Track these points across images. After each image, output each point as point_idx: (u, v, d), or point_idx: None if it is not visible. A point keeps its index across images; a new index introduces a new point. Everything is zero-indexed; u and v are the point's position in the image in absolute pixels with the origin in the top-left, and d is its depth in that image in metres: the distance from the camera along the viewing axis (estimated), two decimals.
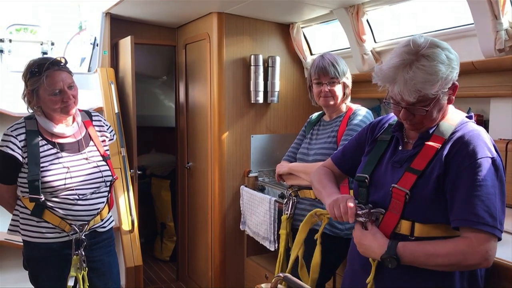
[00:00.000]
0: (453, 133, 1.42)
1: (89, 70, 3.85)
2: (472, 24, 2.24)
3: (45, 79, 1.98)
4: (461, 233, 1.33)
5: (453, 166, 1.35)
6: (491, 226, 1.28)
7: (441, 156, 1.38)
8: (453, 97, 1.43)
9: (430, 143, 1.42)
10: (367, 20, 2.87)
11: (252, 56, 3.36)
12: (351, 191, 2.14)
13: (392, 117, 1.63)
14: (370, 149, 1.64)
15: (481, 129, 1.42)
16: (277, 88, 3.43)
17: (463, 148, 1.35)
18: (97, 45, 3.68)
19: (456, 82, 1.41)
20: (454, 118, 1.47)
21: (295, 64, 3.61)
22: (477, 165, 1.31)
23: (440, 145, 1.40)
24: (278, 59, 3.43)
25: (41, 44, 4.24)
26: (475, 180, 1.31)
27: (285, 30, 3.53)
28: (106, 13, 3.59)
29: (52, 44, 4.27)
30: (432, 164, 1.39)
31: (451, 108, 1.50)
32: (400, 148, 1.53)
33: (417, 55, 1.34)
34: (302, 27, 3.46)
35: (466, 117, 1.49)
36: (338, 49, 3.27)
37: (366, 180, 1.55)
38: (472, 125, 1.44)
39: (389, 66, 1.37)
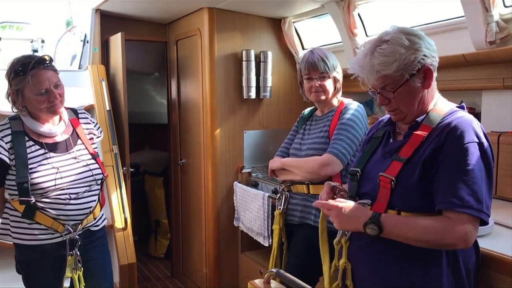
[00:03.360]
0: (442, 121, 1.43)
1: (79, 67, 3.82)
2: (463, 16, 2.24)
3: (31, 79, 1.91)
4: (443, 214, 1.33)
5: (441, 151, 1.36)
6: (476, 209, 1.28)
7: (428, 143, 1.39)
8: (431, 82, 1.44)
9: (418, 132, 1.44)
10: (359, 14, 2.86)
11: (244, 52, 3.34)
12: (345, 185, 2.14)
13: (387, 117, 1.64)
14: (365, 146, 1.68)
15: (471, 117, 1.42)
16: (269, 83, 3.42)
17: (451, 133, 1.36)
18: (88, 42, 3.65)
19: (430, 67, 1.41)
20: (443, 108, 1.48)
21: (287, 59, 3.59)
22: (464, 150, 1.32)
23: (427, 133, 1.42)
24: (270, 54, 3.42)
25: (31, 42, 4.21)
26: (462, 164, 1.31)
27: (276, 25, 3.52)
28: (96, 9, 3.55)
29: (43, 41, 4.23)
30: (420, 152, 1.40)
31: (442, 99, 1.52)
32: (391, 140, 1.55)
33: (380, 41, 1.41)
34: (293, 22, 3.45)
35: (458, 107, 1.50)
36: (330, 44, 3.26)
37: (358, 174, 1.57)
38: (462, 113, 1.44)
39: (359, 54, 1.46)
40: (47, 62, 1.99)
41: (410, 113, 1.46)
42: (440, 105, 1.49)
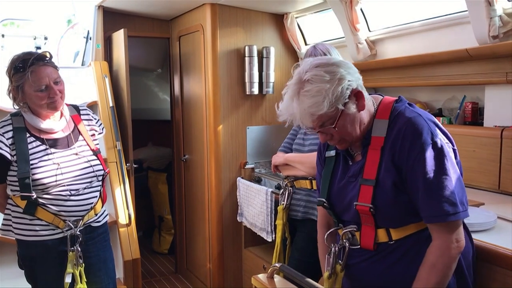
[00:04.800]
0: (389, 126, 1.40)
1: (82, 64, 3.83)
2: (466, 11, 2.23)
3: (30, 75, 1.92)
4: (431, 229, 1.36)
5: (403, 166, 1.35)
6: (452, 214, 1.30)
7: (387, 157, 1.38)
8: (364, 103, 1.40)
9: (372, 148, 1.42)
10: (361, 9, 2.85)
11: (247, 47, 3.34)
12: None
13: None
14: (322, 168, 1.64)
15: (413, 113, 1.40)
16: (272, 79, 3.42)
17: (404, 142, 1.35)
18: (90, 39, 3.66)
19: (359, 88, 1.39)
20: (384, 110, 1.45)
21: (290, 55, 3.59)
22: (421, 159, 1.32)
23: (382, 145, 1.40)
24: (272, 49, 3.41)
25: (34, 39, 4.20)
26: (425, 174, 1.31)
27: (279, 21, 3.52)
28: (99, 6, 3.56)
29: (46, 38, 4.22)
30: (382, 169, 1.39)
31: (372, 100, 1.48)
32: (350, 163, 1.52)
33: (301, 83, 1.36)
34: (296, 17, 3.44)
35: (396, 101, 1.47)
36: (333, 39, 3.25)
37: (325, 204, 1.55)
38: (403, 112, 1.41)
39: (284, 101, 1.41)
40: (47, 58, 2.00)
41: (354, 139, 1.44)
42: (380, 108, 1.46)
